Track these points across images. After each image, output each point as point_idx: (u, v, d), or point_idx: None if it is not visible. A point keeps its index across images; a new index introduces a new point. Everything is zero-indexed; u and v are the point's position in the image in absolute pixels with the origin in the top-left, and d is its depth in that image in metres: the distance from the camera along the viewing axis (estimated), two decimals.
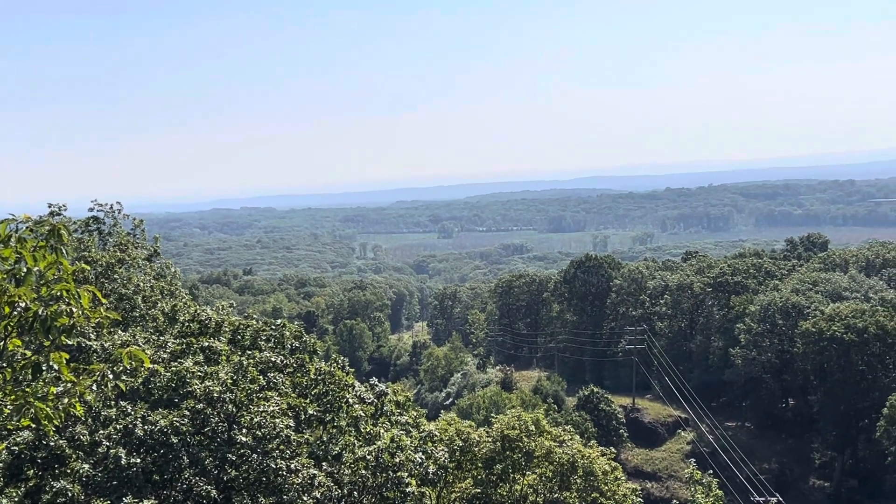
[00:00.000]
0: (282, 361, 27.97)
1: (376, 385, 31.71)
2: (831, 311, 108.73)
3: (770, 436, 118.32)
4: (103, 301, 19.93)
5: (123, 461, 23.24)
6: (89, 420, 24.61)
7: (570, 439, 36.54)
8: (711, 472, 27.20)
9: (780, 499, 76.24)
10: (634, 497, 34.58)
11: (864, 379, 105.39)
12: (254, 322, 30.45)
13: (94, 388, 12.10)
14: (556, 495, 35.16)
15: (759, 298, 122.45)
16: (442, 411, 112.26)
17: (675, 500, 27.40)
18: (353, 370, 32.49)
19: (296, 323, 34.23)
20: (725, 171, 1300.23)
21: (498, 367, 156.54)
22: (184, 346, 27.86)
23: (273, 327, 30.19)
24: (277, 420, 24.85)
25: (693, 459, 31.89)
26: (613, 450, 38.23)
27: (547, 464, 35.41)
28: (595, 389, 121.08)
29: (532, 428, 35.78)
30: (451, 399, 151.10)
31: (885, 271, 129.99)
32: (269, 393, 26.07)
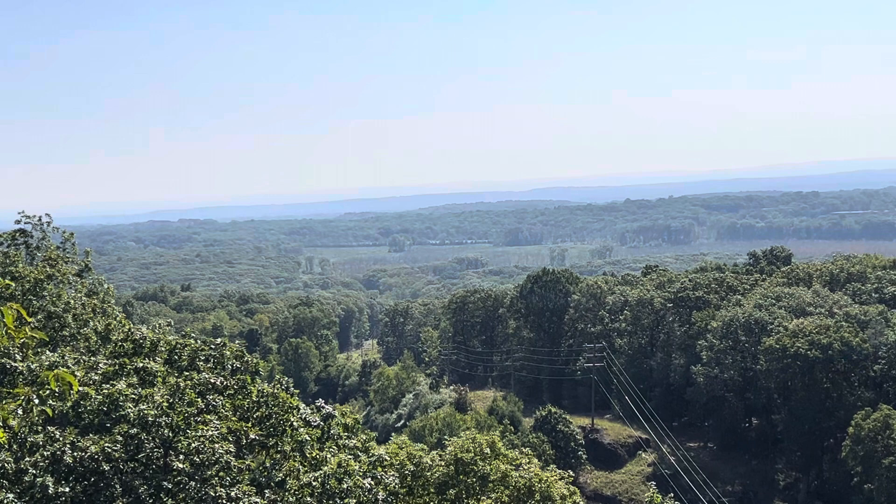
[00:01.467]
0: (222, 383, 27.70)
1: (323, 407, 31.53)
2: (795, 326, 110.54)
3: (733, 456, 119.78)
4: (29, 320, 19.61)
5: (51, 490, 22.81)
6: (14, 447, 24.12)
7: (528, 462, 36.64)
8: (672, 495, 27.47)
9: None
10: None
11: (828, 397, 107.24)
12: (192, 341, 30.13)
13: (20, 412, 11.89)
14: None
15: (721, 314, 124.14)
16: (393, 434, 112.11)
17: None
18: (297, 391, 32.28)
19: (237, 342, 33.96)
20: (687, 183, 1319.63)
21: (452, 387, 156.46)
22: (116, 368, 27.46)
23: (212, 347, 29.91)
24: (217, 445, 24.59)
25: (653, 483, 32.22)
26: (572, 473, 38.41)
27: (503, 488, 35.47)
28: (553, 409, 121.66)
29: (487, 451, 35.82)
30: (402, 421, 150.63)
31: (849, 286, 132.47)
32: (208, 416, 25.79)
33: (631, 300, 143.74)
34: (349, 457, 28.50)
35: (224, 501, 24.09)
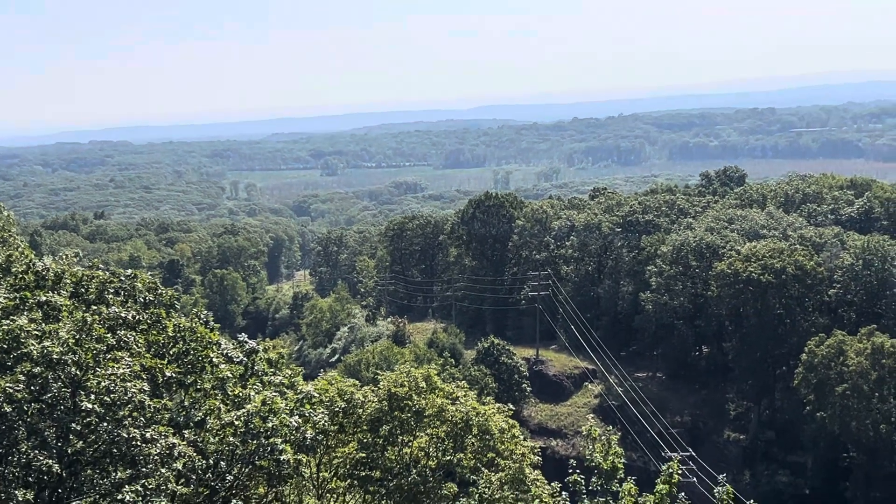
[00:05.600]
0: (133, 317, 27.36)
1: (245, 342, 31.43)
2: (747, 250, 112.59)
3: (683, 386, 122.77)
4: None
5: None
6: None
7: (465, 396, 37.04)
8: (612, 427, 28.02)
9: (693, 454, 79.39)
10: (533, 456, 35.40)
11: (781, 323, 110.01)
12: (100, 273, 29.63)
13: None
14: (449, 457, 35.69)
15: (671, 238, 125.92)
16: (324, 369, 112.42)
17: (571, 460, 27.98)
18: (218, 325, 32.09)
19: (156, 273, 33.52)
20: (637, 100, 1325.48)
21: (389, 320, 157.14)
22: (17, 302, 26.92)
23: (123, 278, 29.46)
24: (129, 384, 24.34)
25: (591, 415, 32.79)
26: (511, 406, 38.99)
27: (439, 423, 35.87)
28: (496, 341, 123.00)
29: (422, 385, 36.12)
30: (337, 355, 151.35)
31: (804, 207, 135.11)
32: (119, 353, 25.48)
33: (578, 225, 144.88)
34: (275, 394, 28.45)
35: (138, 443, 23.95)
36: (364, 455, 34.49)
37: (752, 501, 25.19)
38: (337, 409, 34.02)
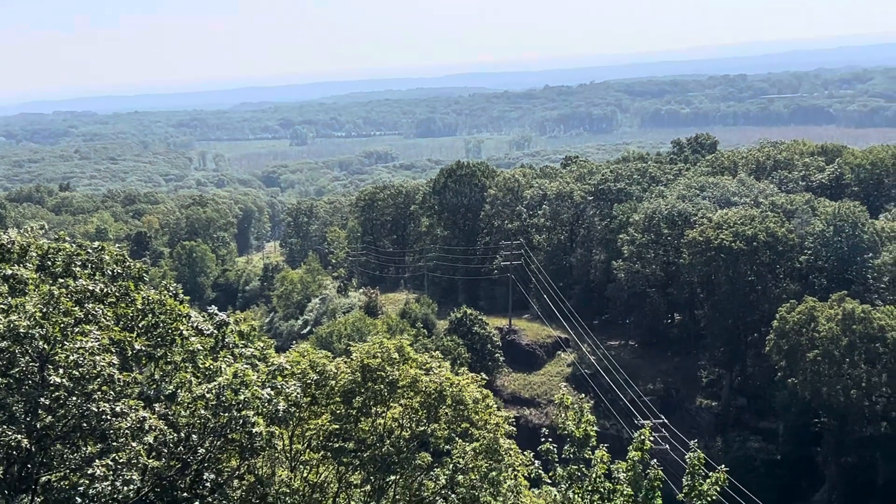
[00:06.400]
0: (102, 290, 27.19)
1: (216, 314, 31.34)
2: (719, 218, 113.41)
3: (655, 354, 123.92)
4: None
5: None
6: None
7: (438, 366, 37.18)
8: (584, 396, 28.27)
9: (665, 421, 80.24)
10: (507, 425, 35.65)
11: (753, 290, 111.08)
12: (67, 245, 29.41)
13: None
14: (423, 428, 35.87)
15: (643, 206, 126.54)
16: (296, 341, 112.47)
17: (544, 429, 28.28)
18: (187, 298, 31.97)
19: (123, 245, 33.31)
20: (609, 67, 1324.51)
21: (361, 291, 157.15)
22: None
23: (90, 251, 29.24)
24: (98, 357, 24.25)
25: (564, 384, 33.10)
26: (485, 376, 39.19)
27: (413, 394, 36.01)
28: (468, 311, 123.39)
29: (395, 356, 36.19)
30: (308, 327, 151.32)
31: (775, 174, 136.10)
32: (88, 327, 25.36)
33: (550, 194, 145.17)
34: (246, 366, 28.45)
35: (108, 417, 23.90)
36: (337, 427, 34.58)
37: (723, 467, 25.50)
38: (309, 380, 34.04)
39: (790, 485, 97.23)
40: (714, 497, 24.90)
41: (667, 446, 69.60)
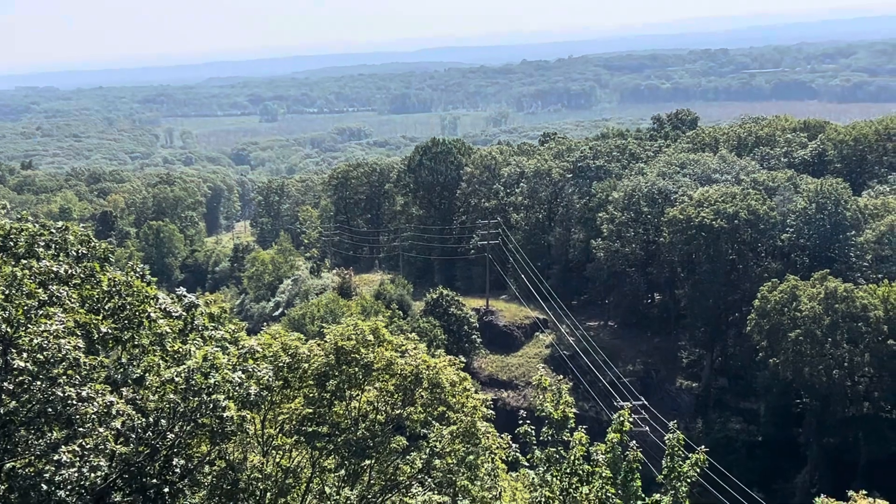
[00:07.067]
0: (66, 271, 26.98)
1: (184, 296, 31.21)
2: (700, 195, 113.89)
3: (635, 334, 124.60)
4: None
5: None
6: None
7: (414, 349, 37.18)
8: (563, 377, 28.42)
9: (645, 402, 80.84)
10: (485, 408, 35.74)
11: (734, 269, 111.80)
12: (29, 225, 29.14)
13: None
14: (398, 411, 35.93)
15: (622, 184, 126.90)
16: (268, 323, 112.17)
17: (522, 411, 28.42)
18: (155, 279, 31.81)
19: (88, 225, 33.07)
20: (588, 41, 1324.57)
21: (335, 271, 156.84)
22: None
23: (53, 231, 29.01)
24: (63, 341, 24.09)
25: (542, 366, 33.26)
26: (463, 358, 39.24)
27: (388, 377, 36.00)
28: (444, 292, 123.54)
29: (370, 338, 36.13)
30: (280, 309, 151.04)
31: (757, 150, 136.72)
32: (52, 309, 25.19)
33: (528, 171, 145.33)
34: (216, 349, 28.33)
35: (74, 401, 23.79)
36: (310, 410, 34.53)
37: (703, 448, 25.75)
38: (281, 363, 33.96)
39: (771, 466, 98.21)
40: (694, 479, 25.15)
41: (646, 428, 70.19)
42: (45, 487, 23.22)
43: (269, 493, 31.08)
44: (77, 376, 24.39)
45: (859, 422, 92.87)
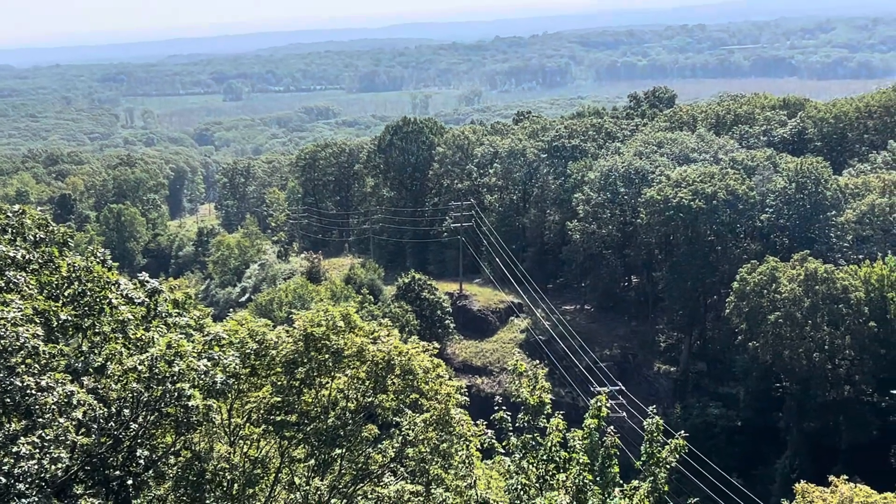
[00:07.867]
0: (23, 257, 26.77)
1: (147, 281, 31.00)
2: (678, 175, 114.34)
3: (611, 319, 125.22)
4: None
5: None
6: None
7: (386, 335, 37.14)
8: (539, 363, 28.49)
9: (623, 387, 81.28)
10: (459, 395, 35.79)
11: (712, 251, 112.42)
12: None
13: None
14: (370, 399, 35.92)
15: (598, 164, 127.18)
16: (234, 309, 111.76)
17: (497, 398, 28.57)
18: (116, 264, 31.60)
19: (46, 209, 32.78)
20: (562, 17, 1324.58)
21: (303, 255, 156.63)
22: None
23: (9, 215, 28.73)
24: (21, 328, 23.91)
25: (517, 351, 33.35)
26: (436, 344, 39.27)
27: (359, 364, 35.96)
28: (417, 276, 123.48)
29: (341, 324, 36.06)
30: (247, 295, 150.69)
31: (736, 128, 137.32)
32: (9, 296, 25.00)
33: (501, 151, 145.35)
34: (181, 336, 28.21)
35: (33, 391, 23.61)
36: (279, 399, 34.46)
37: (682, 433, 25.91)
38: (248, 350, 33.84)
39: (751, 451, 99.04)
40: (673, 464, 25.31)
41: (624, 413, 70.62)
42: (3, 480, 23.05)
43: (236, 485, 31.00)
44: (36, 365, 24.21)
45: (840, 406, 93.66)
